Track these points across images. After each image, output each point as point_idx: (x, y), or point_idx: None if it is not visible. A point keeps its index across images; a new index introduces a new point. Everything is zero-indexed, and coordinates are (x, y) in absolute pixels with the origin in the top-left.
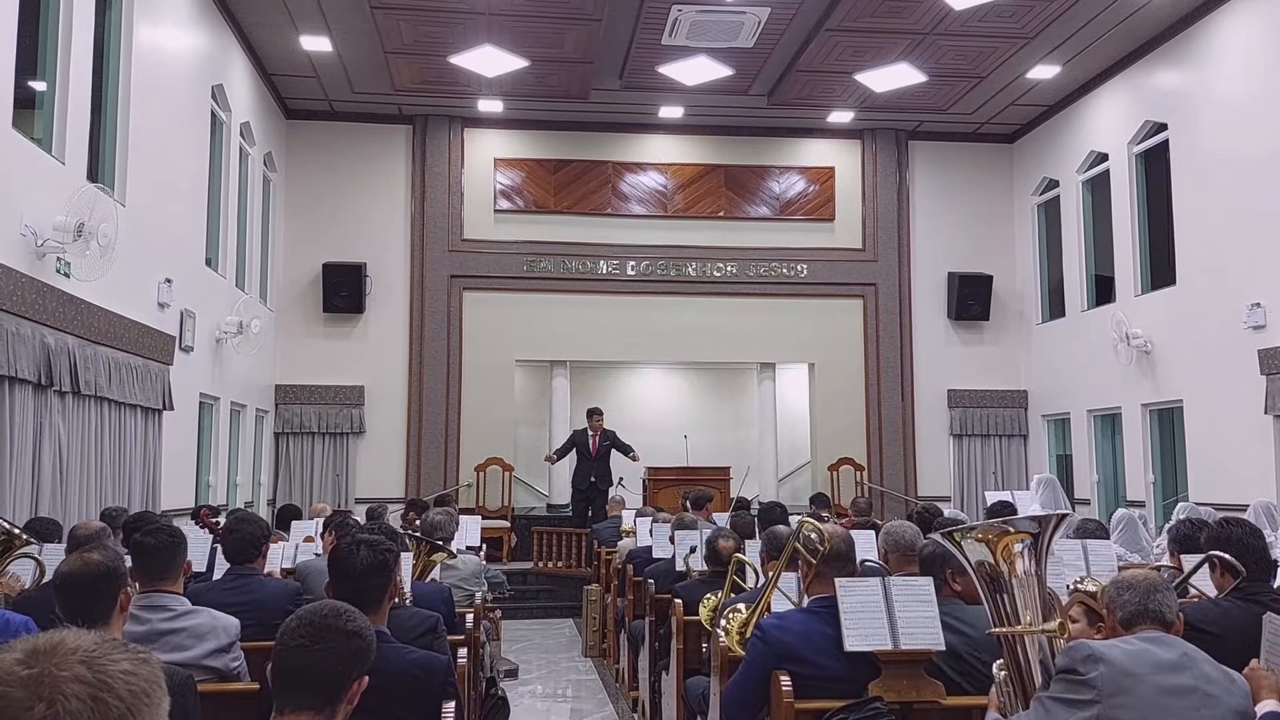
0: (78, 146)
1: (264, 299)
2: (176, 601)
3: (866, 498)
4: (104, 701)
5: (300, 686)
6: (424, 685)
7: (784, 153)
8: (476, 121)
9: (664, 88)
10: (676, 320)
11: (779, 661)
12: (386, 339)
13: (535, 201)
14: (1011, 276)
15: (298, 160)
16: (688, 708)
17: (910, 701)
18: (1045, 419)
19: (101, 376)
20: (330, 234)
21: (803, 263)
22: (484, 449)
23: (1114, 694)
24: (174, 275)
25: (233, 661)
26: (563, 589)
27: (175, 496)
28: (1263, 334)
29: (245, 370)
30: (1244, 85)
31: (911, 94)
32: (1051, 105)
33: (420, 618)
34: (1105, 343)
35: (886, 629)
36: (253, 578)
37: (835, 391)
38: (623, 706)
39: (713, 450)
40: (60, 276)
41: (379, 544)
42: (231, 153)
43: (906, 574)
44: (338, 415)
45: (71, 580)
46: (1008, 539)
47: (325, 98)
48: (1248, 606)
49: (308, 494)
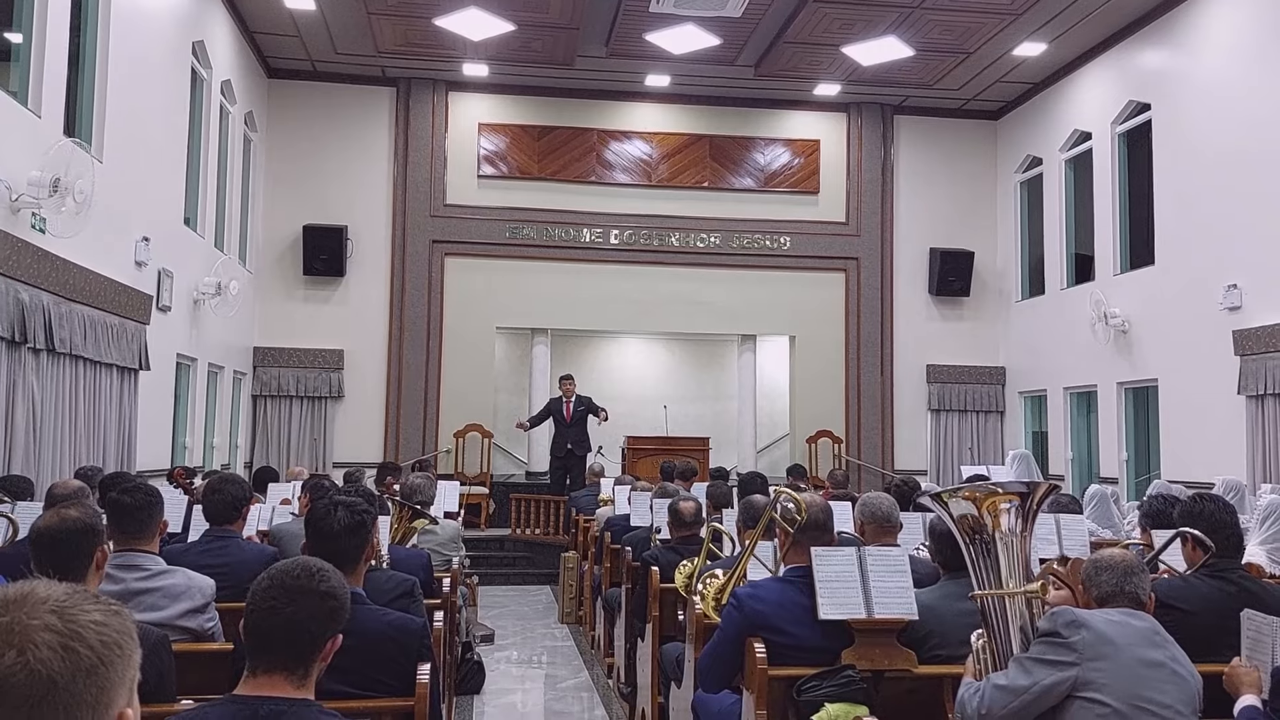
0: (54, 100)
1: (243, 260)
2: (151, 561)
3: (844, 470)
4: (74, 651)
5: (273, 647)
6: (400, 647)
7: (769, 124)
8: (461, 85)
9: (651, 56)
10: (658, 290)
11: (754, 630)
12: (367, 303)
13: (519, 168)
14: (993, 253)
15: (279, 120)
16: (663, 673)
17: (882, 670)
18: (1022, 395)
19: (77, 334)
20: (311, 196)
21: (786, 235)
22: (463, 415)
23: (1094, 659)
24: (151, 234)
25: (207, 622)
26: (540, 556)
27: (151, 457)
28: (1238, 315)
29: (223, 332)
30: (1227, 67)
31: (898, 68)
32: (1037, 83)
33: (397, 580)
34: (1083, 321)
35: (860, 598)
36: (231, 540)
37: (815, 365)
38: (598, 672)
39: (692, 421)
40: (35, 232)
41: (356, 505)
42: (212, 111)
43: (883, 545)
44: (316, 379)
45: (48, 536)
46: (995, 499)
47: (308, 57)
48: (1217, 583)
49: (285, 457)
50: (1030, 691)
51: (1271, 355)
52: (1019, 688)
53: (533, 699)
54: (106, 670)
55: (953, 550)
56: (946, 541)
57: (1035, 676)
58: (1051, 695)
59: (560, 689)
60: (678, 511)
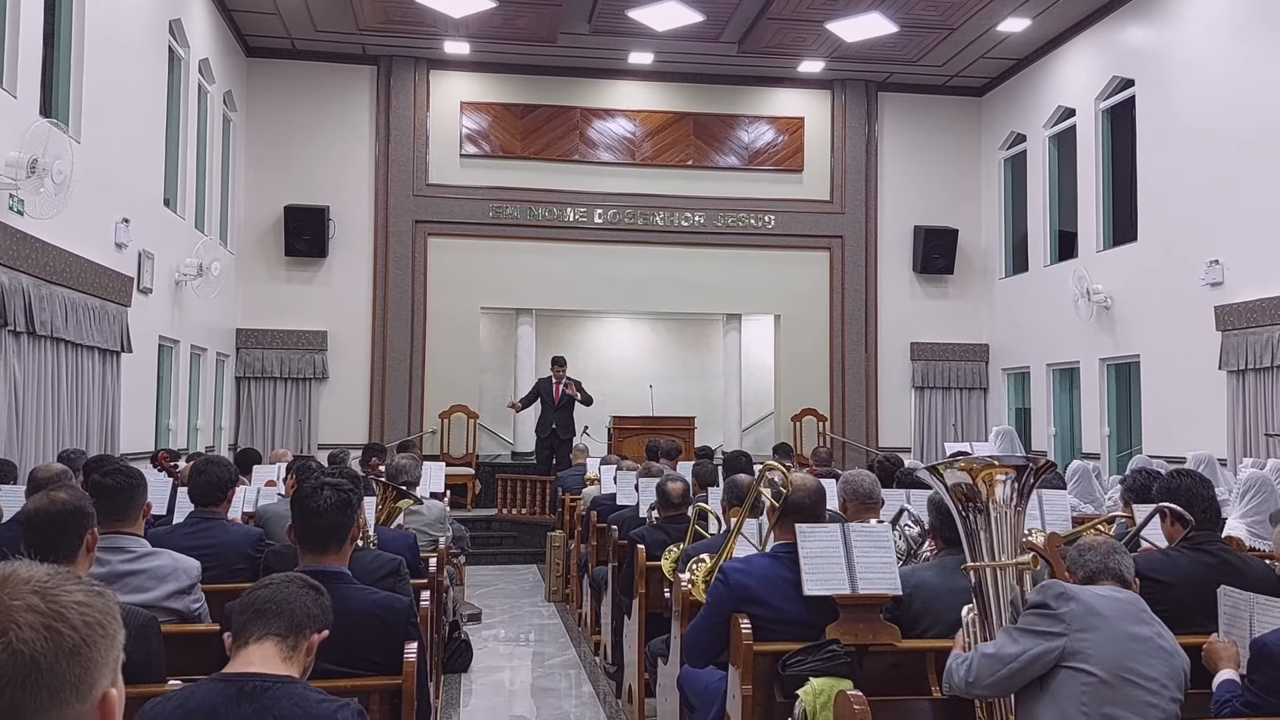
0: (30, 80)
1: (224, 241)
2: (136, 543)
3: (828, 448)
4: (58, 631)
5: (268, 613)
6: (386, 625)
7: (753, 102)
8: (443, 64)
9: (634, 33)
10: (643, 270)
11: (739, 605)
12: (350, 284)
13: (502, 146)
14: (977, 231)
15: (259, 99)
16: (649, 654)
17: (866, 644)
18: (1006, 372)
19: (58, 317)
20: (292, 176)
21: (770, 214)
22: (449, 396)
23: (1082, 629)
24: (131, 215)
25: (194, 603)
26: (526, 535)
27: (134, 440)
28: (1220, 291)
29: (205, 313)
30: (1211, 43)
31: (882, 44)
32: (1021, 59)
33: (383, 560)
34: (1066, 298)
35: (845, 574)
36: (216, 522)
37: (800, 343)
38: (585, 650)
39: (677, 400)
40: (13, 214)
41: (342, 485)
42: (190, 90)
43: (864, 520)
44: (300, 360)
45: (39, 518)
46: (990, 470)
47: (287, 35)
48: (1196, 555)
49: (270, 439)
50: (1018, 660)
51: (1253, 330)
52: (1006, 656)
53: (520, 676)
54: (90, 650)
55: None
56: (947, 517)
57: (1022, 646)
58: (1038, 665)
59: (548, 666)
60: (665, 492)
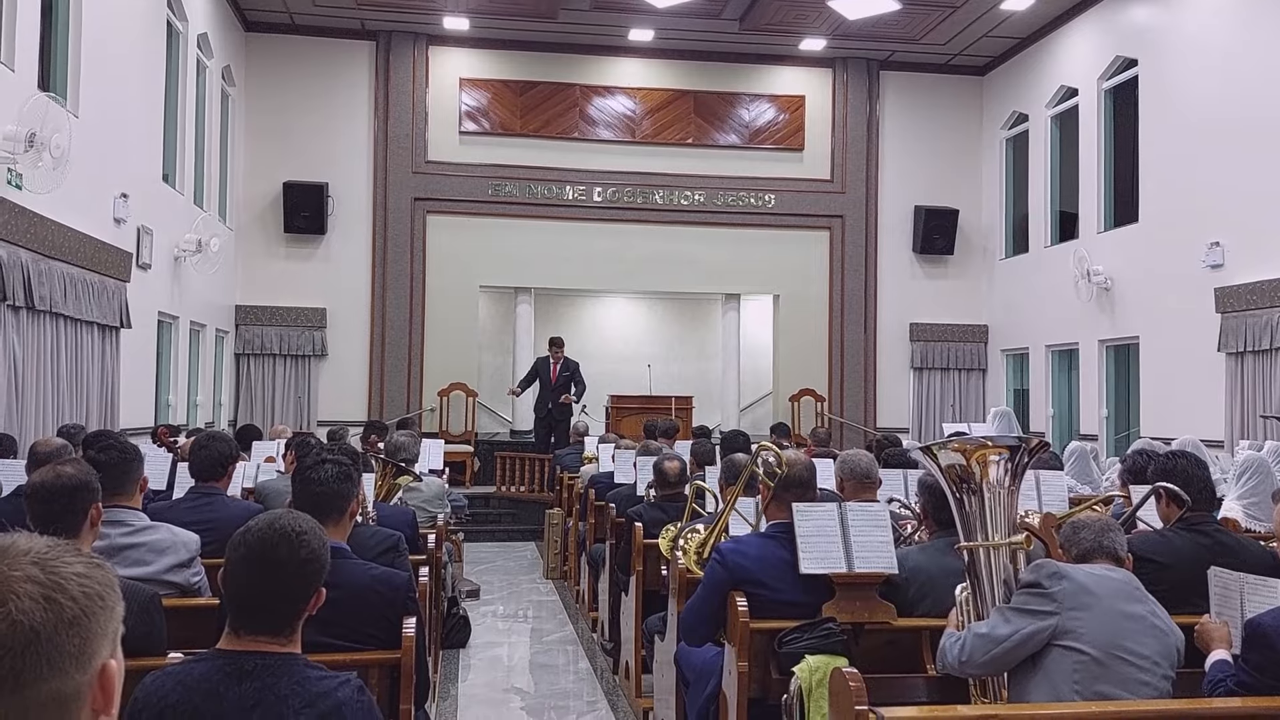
0: (27, 54)
1: (223, 217)
2: (134, 516)
3: (826, 428)
4: (57, 602)
5: (255, 616)
6: (385, 600)
7: (754, 80)
8: (442, 40)
9: (634, 9)
10: (642, 249)
11: (736, 584)
12: (349, 261)
13: (501, 124)
14: (977, 211)
15: (257, 75)
16: (646, 633)
17: (862, 622)
18: (1005, 354)
19: (57, 292)
20: (291, 152)
21: (770, 193)
22: (447, 374)
23: (1074, 608)
24: (130, 190)
25: (194, 576)
26: (525, 513)
27: (134, 415)
28: (1220, 272)
29: (205, 290)
30: (1214, 24)
31: (884, 22)
32: (1024, 38)
33: (382, 536)
34: (1066, 279)
35: (841, 553)
36: (216, 497)
37: (799, 323)
38: (582, 626)
39: (675, 380)
40: (11, 188)
41: (342, 460)
42: (188, 65)
43: (862, 500)
44: (299, 337)
45: (44, 491)
46: (984, 451)
47: (285, 9)
48: (1191, 536)
49: (269, 415)
50: (1011, 639)
51: (1252, 313)
52: (999, 636)
53: (518, 652)
54: (89, 621)
55: (946, 511)
56: (940, 499)
57: (1015, 625)
58: (1030, 644)
59: (546, 642)
60: (663, 471)
